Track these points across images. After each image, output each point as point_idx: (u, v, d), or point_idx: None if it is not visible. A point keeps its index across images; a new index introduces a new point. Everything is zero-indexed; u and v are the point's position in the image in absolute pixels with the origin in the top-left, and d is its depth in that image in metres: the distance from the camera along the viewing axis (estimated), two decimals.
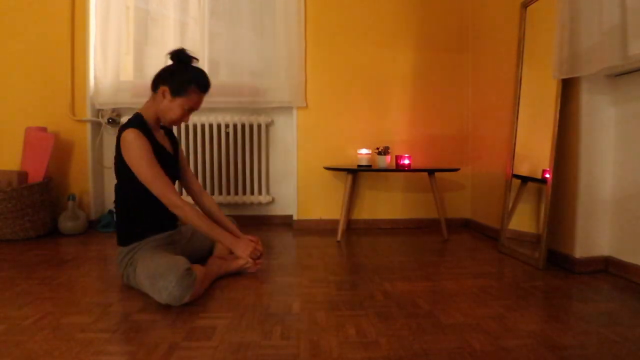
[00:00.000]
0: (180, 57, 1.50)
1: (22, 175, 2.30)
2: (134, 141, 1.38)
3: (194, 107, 1.53)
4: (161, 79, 1.48)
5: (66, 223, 2.40)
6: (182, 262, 1.27)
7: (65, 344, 1.01)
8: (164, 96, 1.47)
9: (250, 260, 1.58)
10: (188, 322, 1.15)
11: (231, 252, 1.64)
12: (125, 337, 1.05)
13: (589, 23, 1.50)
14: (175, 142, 1.68)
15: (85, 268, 1.69)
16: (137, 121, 1.46)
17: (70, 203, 2.43)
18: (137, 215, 1.47)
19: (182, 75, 1.47)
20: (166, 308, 1.25)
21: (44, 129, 2.47)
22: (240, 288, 1.44)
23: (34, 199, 2.29)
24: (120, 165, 1.44)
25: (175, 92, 1.47)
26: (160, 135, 1.58)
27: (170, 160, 1.57)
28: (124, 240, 1.46)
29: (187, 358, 0.94)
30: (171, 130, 1.69)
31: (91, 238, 2.31)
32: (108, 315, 1.19)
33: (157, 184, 1.41)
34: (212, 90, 2.60)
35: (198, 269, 1.34)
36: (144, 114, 1.50)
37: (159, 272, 1.24)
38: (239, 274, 1.60)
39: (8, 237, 2.23)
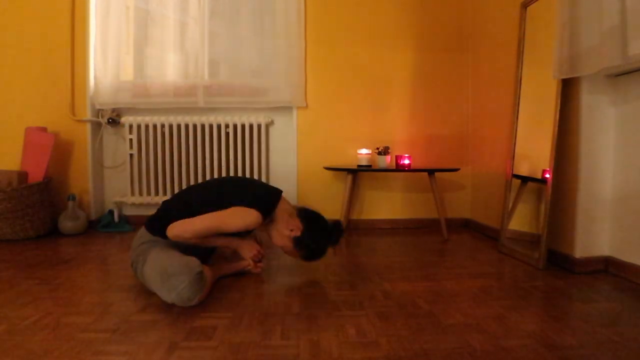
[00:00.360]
0: (331, 233, 1.53)
1: (22, 175, 2.30)
2: (244, 220, 1.41)
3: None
4: (305, 224, 1.50)
5: (66, 223, 2.40)
6: (195, 263, 1.26)
7: (65, 343, 1.01)
8: (290, 229, 1.50)
9: (251, 262, 1.59)
10: (188, 322, 1.15)
11: (234, 252, 1.66)
12: (125, 337, 1.05)
13: (589, 23, 1.50)
14: None
15: (85, 268, 1.69)
16: (270, 211, 1.50)
17: (70, 203, 2.42)
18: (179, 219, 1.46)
19: (318, 241, 1.51)
20: (166, 308, 1.25)
21: (44, 129, 2.47)
22: (240, 288, 1.44)
23: (34, 199, 2.29)
24: (226, 200, 1.45)
25: (299, 242, 1.50)
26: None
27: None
28: (154, 230, 1.46)
29: (187, 358, 0.94)
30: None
31: (91, 238, 2.31)
32: (108, 315, 1.19)
33: (193, 228, 1.39)
34: (212, 90, 2.64)
35: (208, 272, 1.34)
36: (279, 209, 1.53)
37: (172, 271, 1.22)
38: (240, 274, 1.60)
39: (8, 237, 2.23)
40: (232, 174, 2.63)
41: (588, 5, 1.50)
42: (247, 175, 2.64)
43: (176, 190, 2.60)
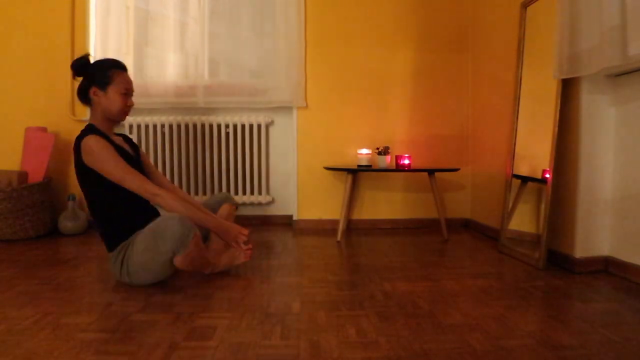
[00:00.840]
0: (80, 64, 1.52)
1: (22, 175, 2.30)
2: (96, 144, 1.42)
3: (128, 88, 1.55)
4: (85, 88, 1.51)
5: (66, 223, 2.40)
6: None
7: (65, 343, 1.01)
8: (97, 96, 1.50)
9: (235, 244, 1.53)
10: (188, 322, 1.15)
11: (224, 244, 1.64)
12: (125, 337, 1.05)
13: (589, 23, 1.50)
14: (134, 145, 1.69)
15: (85, 268, 1.69)
16: (92, 129, 1.50)
17: (70, 203, 2.43)
18: (116, 218, 1.47)
19: (96, 69, 1.51)
20: (166, 308, 1.25)
21: (44, 129, 2.47)
22: (240, 288, 1.44)
23: (34, 199, 2.29)
24: (85, 174, 1.45)
25: (103, 85, 1.50)
26: (118, 140, 1.60)
27: (132, 162, 1.54)
28: (112, 246, 1.47)
29: (187, 358, 0.94)
30: (127, 136, 1.71)
31: (91, 238, 2.31)
32: (108, 315, 1.19)
33: (131, 178, 1.42)
34: (212, 90, 2.65)
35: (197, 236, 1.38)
36: (94, 123, 1.54)
37: (159, 228, 1.31)
38: (237, 273, 1.60)
39: (8, 237, 2.23)
40: (232, 174, 2.63)
41: (588, 5, 1.50)
42: (247, 175, 2.64)
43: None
